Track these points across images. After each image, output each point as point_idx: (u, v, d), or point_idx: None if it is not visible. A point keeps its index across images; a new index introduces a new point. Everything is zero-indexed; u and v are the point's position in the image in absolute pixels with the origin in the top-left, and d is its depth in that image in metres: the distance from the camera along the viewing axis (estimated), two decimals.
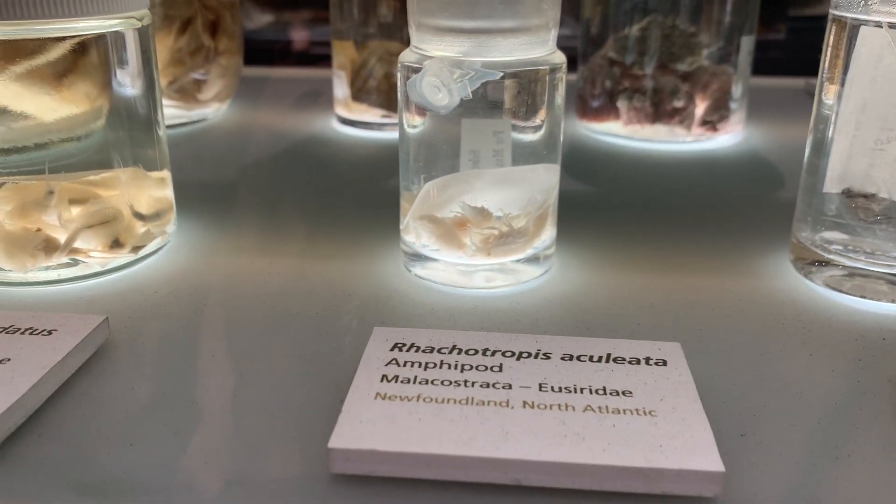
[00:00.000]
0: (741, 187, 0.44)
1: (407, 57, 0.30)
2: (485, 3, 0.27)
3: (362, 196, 0.42)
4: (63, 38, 0.27)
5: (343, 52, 0.53)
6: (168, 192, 0.33)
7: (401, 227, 0.32)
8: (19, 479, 0.20)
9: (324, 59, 0.64)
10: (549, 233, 0.31)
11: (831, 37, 0.30)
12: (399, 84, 0.30)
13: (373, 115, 0.53)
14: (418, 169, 0.30)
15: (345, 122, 0.54)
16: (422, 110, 0.29)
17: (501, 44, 0.28)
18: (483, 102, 0.29)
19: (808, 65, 0.71)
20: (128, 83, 0.30)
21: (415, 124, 0.30)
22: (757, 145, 0.51)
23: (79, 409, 0.23)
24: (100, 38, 0.28)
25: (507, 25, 0.28)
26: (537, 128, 0.30)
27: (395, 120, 0.53)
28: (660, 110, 0.50)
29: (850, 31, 0.29)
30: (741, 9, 0.50)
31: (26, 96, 0.27)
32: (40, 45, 0.27)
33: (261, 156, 0.49)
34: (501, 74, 0.28)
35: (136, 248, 0.31)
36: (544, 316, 0.29)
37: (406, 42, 0.52)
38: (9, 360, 0.23)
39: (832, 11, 0.30)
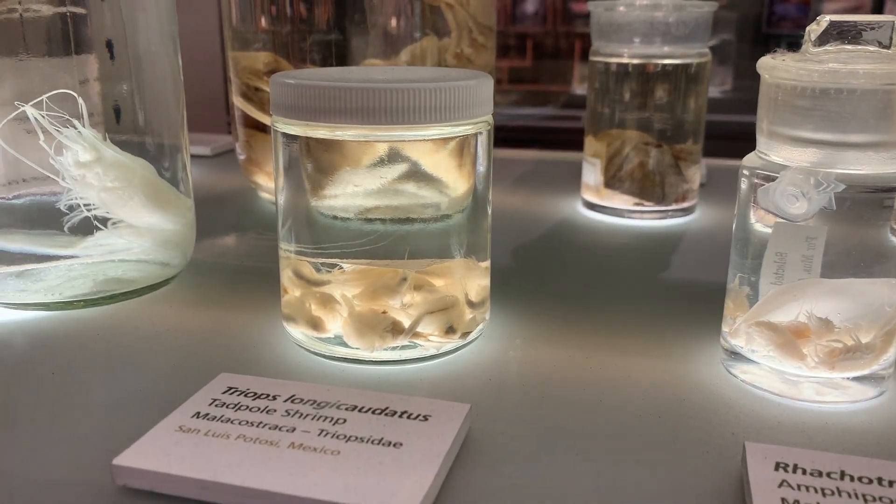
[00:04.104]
0: None
1: (752, 162, 0.30)
2: (857, 118, 0.27)
3: (641, 286, 0.42)
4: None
5: (597, 141, 0.54)
6: (488, 282, 0.34)
7: (724, 327, 0.32)
8: None
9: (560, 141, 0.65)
10: (892, 352, 0.30)
11: None
12: (742, 187, 0.30)
13: (624, 201, 0.53)
14: (743, 268, 0.30)
15: (592, 207, 0.55)
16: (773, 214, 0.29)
17: (859, 156, 0.28)
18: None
19: None
20: (481, 176, 0.31)
21: (769, 225, 0.29)
22: None
23: (469, 491, 0.23)
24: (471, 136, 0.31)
25: (872, 139, 0.27)
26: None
27: (646, 208, 0.53)
28: None
29: None
30: None
31: (451, 170, 0.30)
32: None
33: (523, 239, 0.50)
34: (844, 186, 0.27)
35: (465, 334, 0.32)
36: (887, 441, 0.27)
37: (657, 133, 0.52)
38: (401, 444, 0.24)
39: None
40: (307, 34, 0.50)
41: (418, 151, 0.29)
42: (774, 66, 0.28)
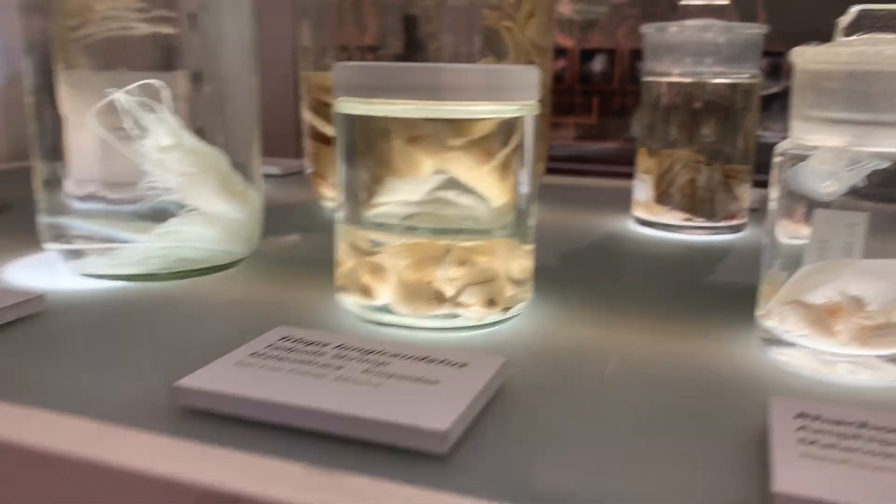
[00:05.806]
0: None
1: (786, 146, 0.31)
2: (884, 96, 0.28)
3: (684, 287, 0.43)
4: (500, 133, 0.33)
5: (648, 158, 0.55)
6: (531, 263, 0.36)
7: (757, 311, 0.33)
8: (469, 480, 0.22)
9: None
10: None
11: None
12: (776, 172, 0.31)
13: (674, 217, 0.55)
14: (778, 253, 0.31)
15: (644, 223, 0.56)
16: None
17: (890, 135, 0.29)
18: (851, 192, 0.29)
19: None
20: (524, 166, 0.34)
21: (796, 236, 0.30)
22: None
23: (500, 430, 0.25)
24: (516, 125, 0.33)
25: None
26: None
27: (696, 223, 0.54)
28: None
29: None
30: None
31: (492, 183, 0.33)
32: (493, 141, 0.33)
33: (572, 247, 0.51)
34: (889, 164, 0.29)
35: (506, 309, 0.34)
36: None
37: (706, 153, 0.54)
38: (439, 381, 0.26)
39: None
40: (374, 54, 0.54)
41: (460, 164, 0.32)
42: (804, 52, 0.30)
